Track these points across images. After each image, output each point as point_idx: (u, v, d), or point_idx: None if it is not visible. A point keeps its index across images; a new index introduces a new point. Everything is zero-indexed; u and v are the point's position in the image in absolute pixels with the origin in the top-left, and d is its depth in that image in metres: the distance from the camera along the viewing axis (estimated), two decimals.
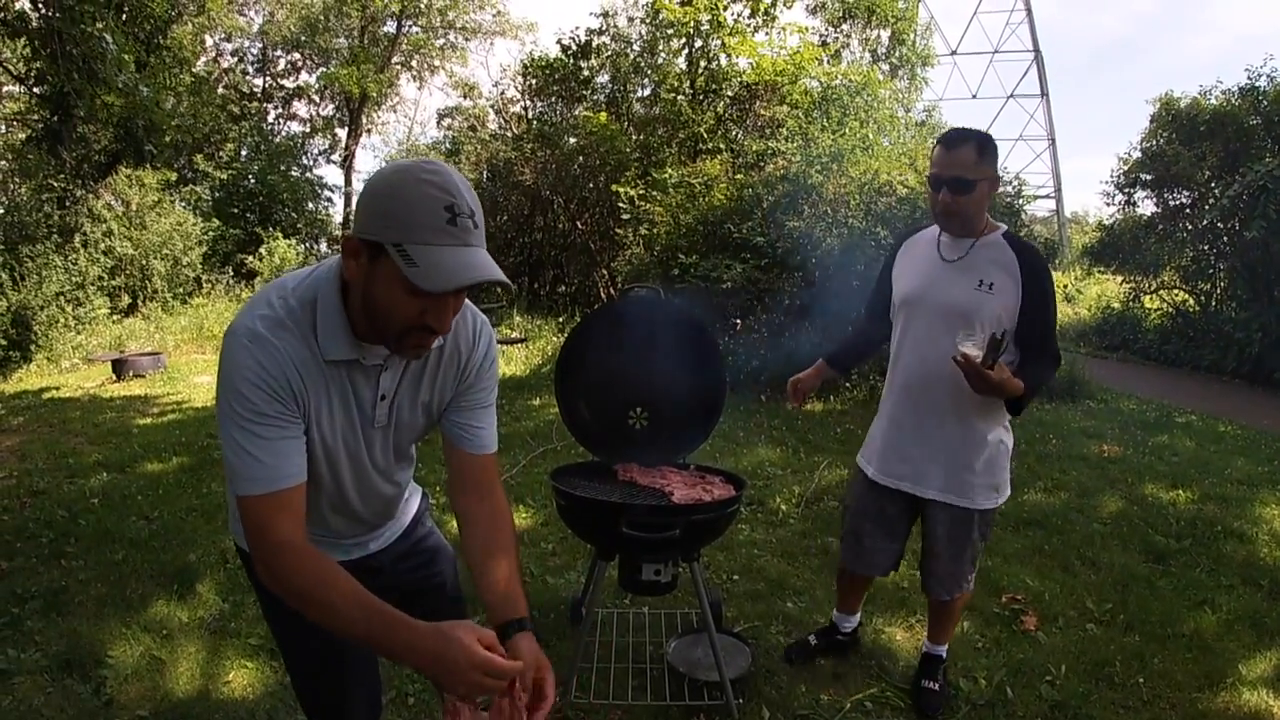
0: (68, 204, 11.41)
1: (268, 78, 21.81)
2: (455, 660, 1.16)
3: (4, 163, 13.34)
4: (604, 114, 12.26)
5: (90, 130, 11.25)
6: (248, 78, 21.40)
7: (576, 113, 13.66)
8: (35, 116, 11.14)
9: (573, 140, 13.02)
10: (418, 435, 1.55)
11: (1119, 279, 12.63)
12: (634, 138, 12.56)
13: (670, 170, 9.91)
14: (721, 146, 11.59)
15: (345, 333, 1.31)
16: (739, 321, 7.57)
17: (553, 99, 14.42)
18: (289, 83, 21.94)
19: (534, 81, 14.20)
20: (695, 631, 2.95)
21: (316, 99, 21.92)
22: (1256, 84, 10.36)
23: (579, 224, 13.31)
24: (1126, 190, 11.87)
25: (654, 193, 9.47)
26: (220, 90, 18.97)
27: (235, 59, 21.34)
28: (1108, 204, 12.26)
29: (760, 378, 7.38)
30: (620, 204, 10.11)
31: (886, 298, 2.57)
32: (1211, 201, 9.87)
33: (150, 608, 3.20)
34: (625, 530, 2.05)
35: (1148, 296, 11.83)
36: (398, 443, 1.51)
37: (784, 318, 7.45)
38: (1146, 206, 11.88)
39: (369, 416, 1.42)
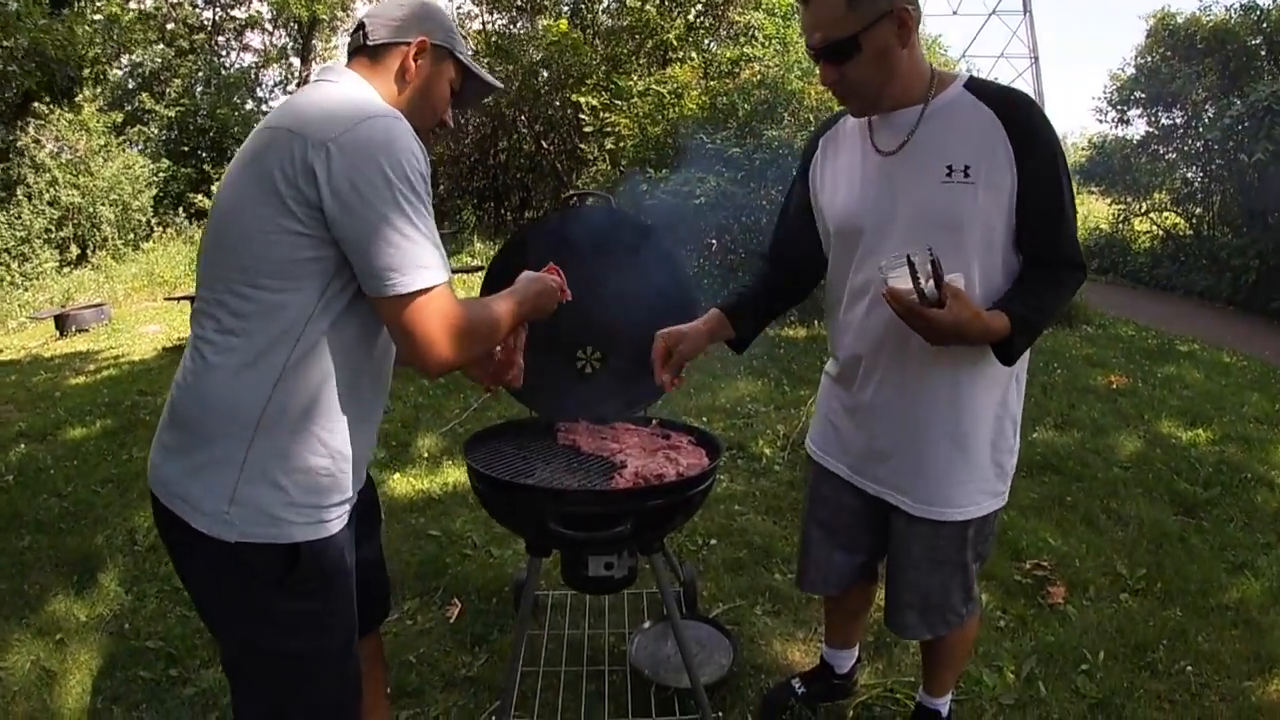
0: (10, 156, 10.99)
1: (217, 9, 20.53)
2: (539, 281, 1.53)
3: None
4: (564, 22, 11.38)
5: (11, 70, 10.78)
6: (197, 10, 20.10)
7: (540, 25, 12.78)
8: None
9: (534, 54, 12.18)
10: None
11: (1108, 200, 12.32)
12: (599, 49, 11.73)
13: (635, 78, 9.18)
14: (693, 55, 10.79)
15: None
16: (714, 241, 6.99)
17: (513, 12, 13.56)
18: (239, 13, 20.67)
19: None
20: (665, 618, 2.39)
21: (269, 28, 20.68)
22: (1257, 1, 9.98)
23: (544, 144, 12.58)
24: (1120, 107, 11.58)
25: (618, 102, 8.74)
26: (169, 26, 17.81)
27: None
28: (1100, 120, 11.88)
29: None
30: (583, 115, 9.37)
31: (799, 228, 1.76)
32: (1208, 121, 9.52)
33: (48, 605, 2.79)
34: (555, 529, 1.47)
35: (1138, 219, 11.48)
36: None
37: (763, 236, 6.88)
38: (1139, 126, 11.67)
39: None
